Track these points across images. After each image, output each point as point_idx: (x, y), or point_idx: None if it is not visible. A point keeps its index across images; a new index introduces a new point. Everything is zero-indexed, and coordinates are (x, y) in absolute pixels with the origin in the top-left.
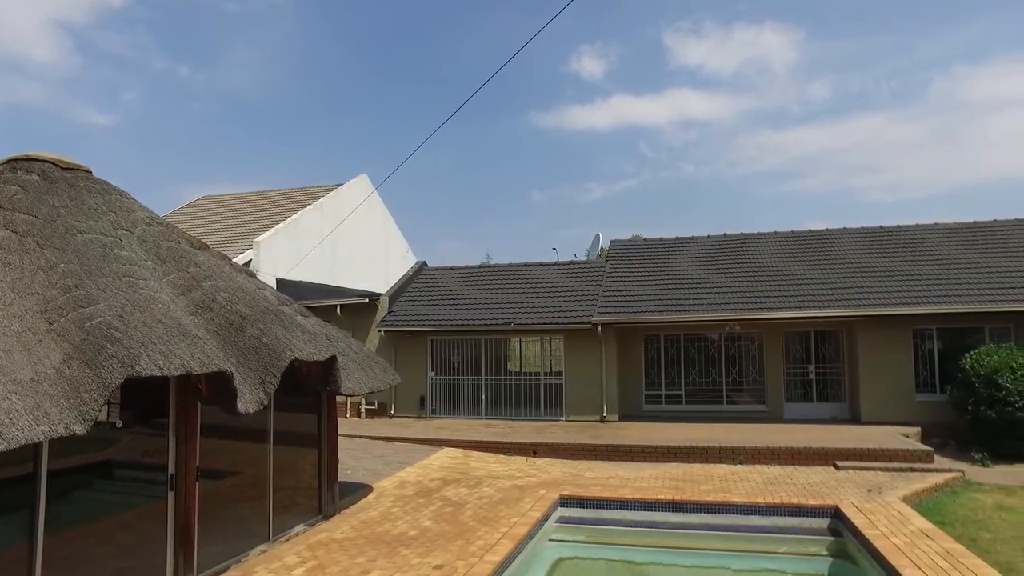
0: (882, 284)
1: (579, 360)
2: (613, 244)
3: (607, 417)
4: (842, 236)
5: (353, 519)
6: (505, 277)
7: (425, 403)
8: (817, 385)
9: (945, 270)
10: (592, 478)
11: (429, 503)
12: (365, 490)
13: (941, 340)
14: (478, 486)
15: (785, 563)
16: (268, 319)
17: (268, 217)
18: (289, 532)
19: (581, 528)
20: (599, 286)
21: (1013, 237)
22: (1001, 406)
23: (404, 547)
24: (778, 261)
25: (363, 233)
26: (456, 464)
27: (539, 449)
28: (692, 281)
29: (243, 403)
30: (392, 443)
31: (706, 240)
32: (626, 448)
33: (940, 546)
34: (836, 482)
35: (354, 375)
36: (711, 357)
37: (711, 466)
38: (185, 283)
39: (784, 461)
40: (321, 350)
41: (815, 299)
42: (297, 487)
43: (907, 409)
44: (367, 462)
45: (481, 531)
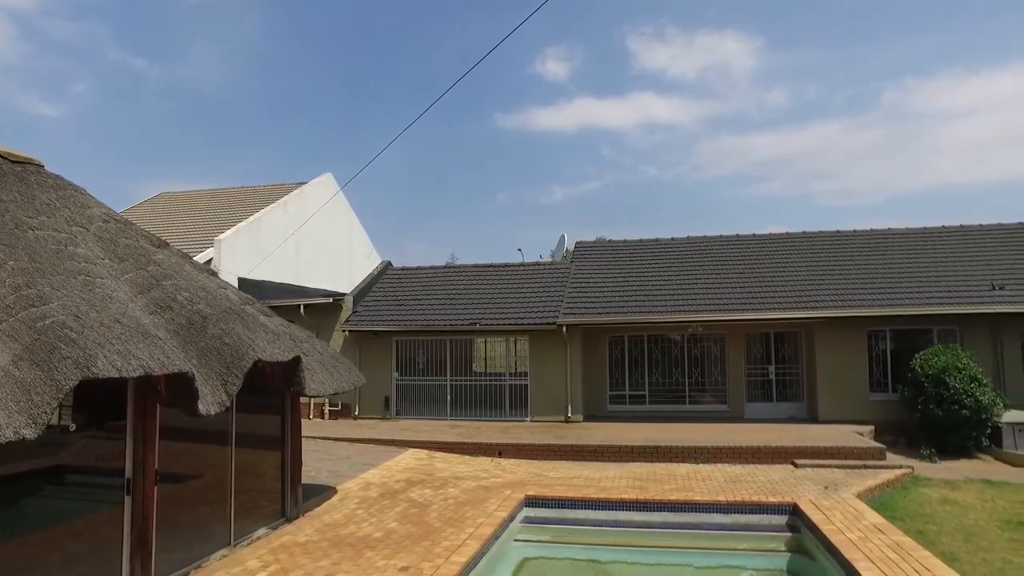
0: (839, 287)
1: (544, 361)
2: (578, 245)
3: (572, 417)
4: (801, 240)
5: (317, 521)
6: (471, 278)
7: (390, 404)
8: (777, 385)
9: (897, 274)
10: (557, 478)
11: (394, 504)
12: (329, 492)
13: (893, 341)
14: (443, 487)
15: (746, 559)
16: (230, 319)
17: (230, 215)
18: (251, 536)
19: (546, 528)
20: (564, 287)
21: (959, 242)
22: (948, 405)
23: (369, 549)
24: (740, 264)
25: (328, 232)
26: (421, 465)
27: (504, 450)
28: (656, 283)
29: (205, 405)
30: (356, 444)
31: (669, 242)
32: (591, 448)
33: (891, 539)
34: (795, 480)
35: (318, 376)
36: (674, 358)
37: (674, 465)
38: (144, 282)
39: (745, 460)
40: (285, 350)
41: (775, 301)
42: (260, 490)
43: (862, 408)
44: (331, 464)
45: (447, 532)
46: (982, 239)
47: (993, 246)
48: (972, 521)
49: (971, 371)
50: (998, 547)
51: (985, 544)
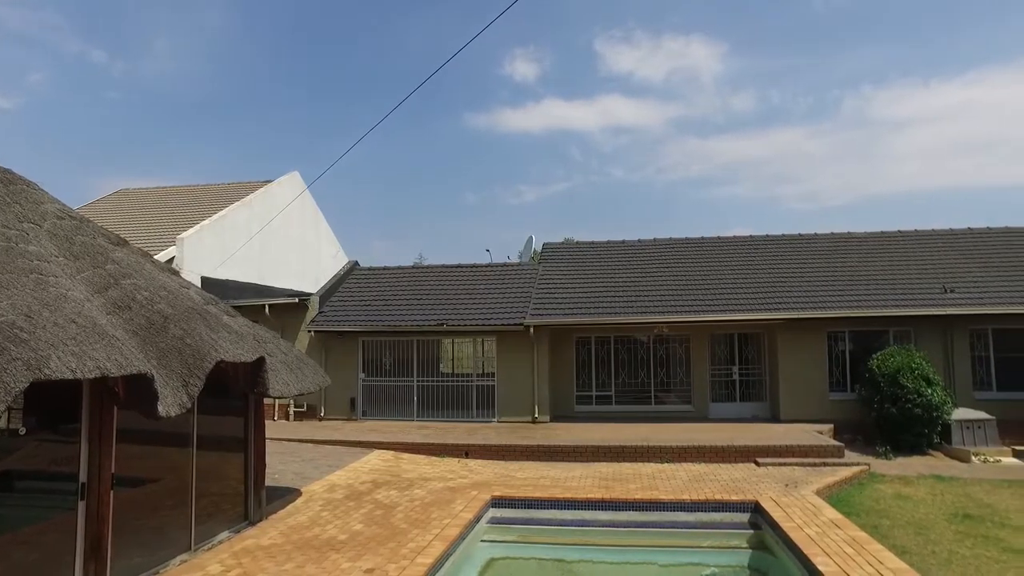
0: (800, 289)
1: (511, 361)
2: (545, 247)
3: (539, 418)
4: (764, 242)
5: (281, 524)
6: (438, 278)
7: (356, 405)
8: (740, 385)
9: (856, 276)
10: (524, 479)
11: (360, 506)
12: (294, 494)
13: (852, 342)
14: (410, 488)
15: (709, 556)
16: (192, 319)
17: (193, 213)
18: (213, 540)
19: (513, 528)
20: (532, 288)
21: (913, 247)
22: (902, 404)
23: (334, 552)
24: (705, 265)
25: (294, 232)
26: (387, 467)
27: (471, 450)
28: (622, 284)
29: (164, 406)
30: (322, 446)
31: (636, 244)
32: (557, 448)
33: (847, 534)
34: (757, 478)
35: (283, 377)
36: (640, 359)
37: (640, 465)
38: (102, 281)
39: (709, 459)
40: (248, 351)
41: (739, 303)
42: (222, 493)
43: (821, 407)
44: (296, 466)
45: (413, 533)
46: (934, 244)
47: (944, 250)
48: (923, 515)
49: (924, 371)
50: (946, 539)
51: (934, 537)
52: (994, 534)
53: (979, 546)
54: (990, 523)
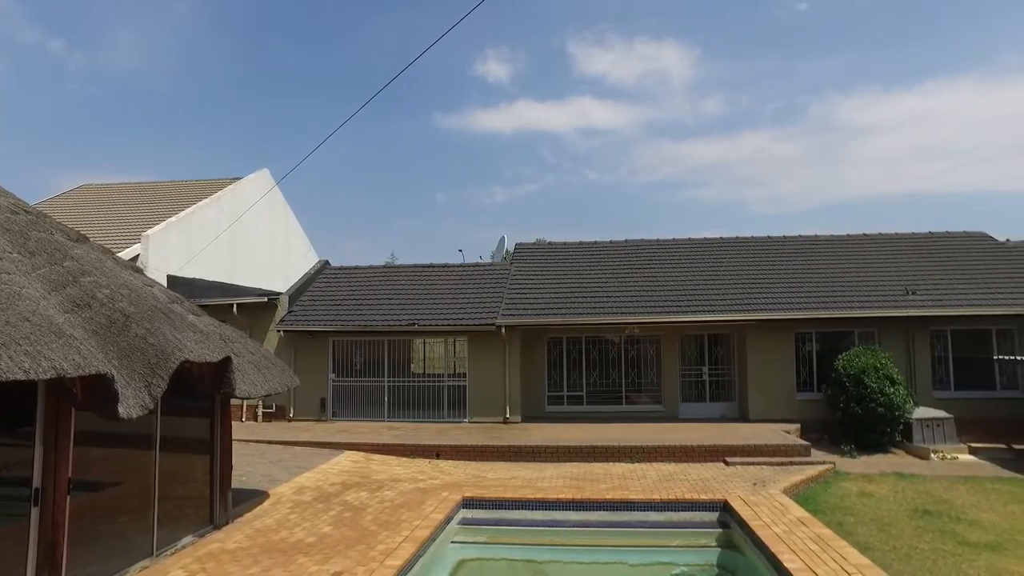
0: (769, 291)
1: (483, 362)
2: (518, 247)
3: (510, 418)
4: (734, 244)
5: (247, 527)
6: (410, 278)
7: (326, 406)
8: (710, 386)
9: (823, 278)
10: (495, 479)
11: (329, 508)
12: (261, 497)
13: (819, 343)
14: (380, 490)
15: (678, 555)
16: (156, 318)
17: (159, 210)
18: (176, 545)
19: (483, 529)
20: (504, 288)
21: (877, 250)
22: (866, 403)
23: (302, 555)
24: (675, 267)
25: (263, 230)
26: (357, 468)
27: (442, 451)
28: (594, 285)
29: (125, 408)
30: (291, 447)
31: (608, 245)
32: (529, 449)
33: (813, 532)
34: (726, 477)
35: (250, 377)
36: (611, 359)
37: (610, 465)
38: (59, 278)
39: (679, 459)
40: (214, 351)
41: (709, 304)
42: (186, 496)
43: (789, 407)
44: (264, 467)
45: (382, 535)
46: (897, 247)
47: (906, 254)
48: (885, 511)
49: (887, 371)
50: (906, 535)
51: (895, 532)
52: (951, 528)
53: (937, 540)
54: (947, 518)
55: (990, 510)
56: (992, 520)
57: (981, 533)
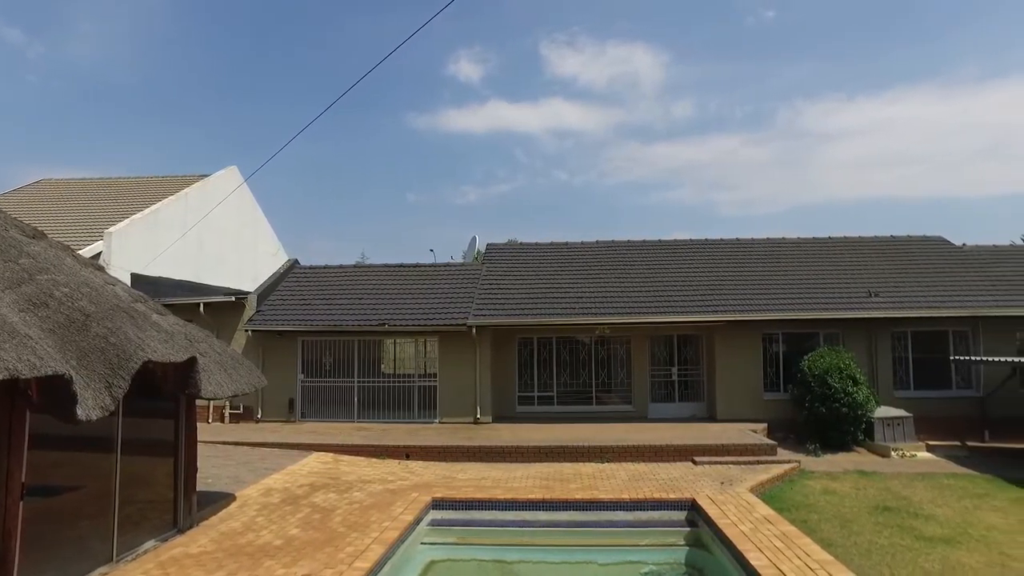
0: (737, 292)
1: (454, 362)
2: (489, 247)
3: (481, 419)
4: (703, 247)
5: (213, 531)
6: (380, 277)
7: (294, 406)
8: (679, 386)
9: (790, 280)
10: (465, 480)
11: (297, 510)
12: (227, 499)
13: (785, 344)
14: (349, 491)
15: (647, 555)
16: (117, 317)
17: (123, 206)
18: (138, 550)
19: (453, 530)
20: (475, 288)
21: (842, 253)
22: (830, 403)
23: (268, 558)
24: (645, 268)
25: (232, 228)
26: (326, 469)
27: (412, 452)
28: (565, 285)
29: (84, 410)
30: (259, 449)
31: (579, 246)
32: (499, 449)
33: (778, 529)
34: (694, 476)
35: (216, 377)
36: (582, 359)
37: (580, 465)
38: (14, 276)
39: (648, 458)
40: (179, 351)
41: (679, 305)
42: (149, 500)
43: (756, 407)
44: (231, 469)
45: (351, 537)
46: (861, 250)
47: (870, 257)
48: (847, 508)
49: (851, 371)
50: (867, 531)
51: (856, 528)
52: (909, 524)
53: (895, 536)
54: (906, 514)
55: (945, 505)
56: (947, 515)
57: (936, 527)
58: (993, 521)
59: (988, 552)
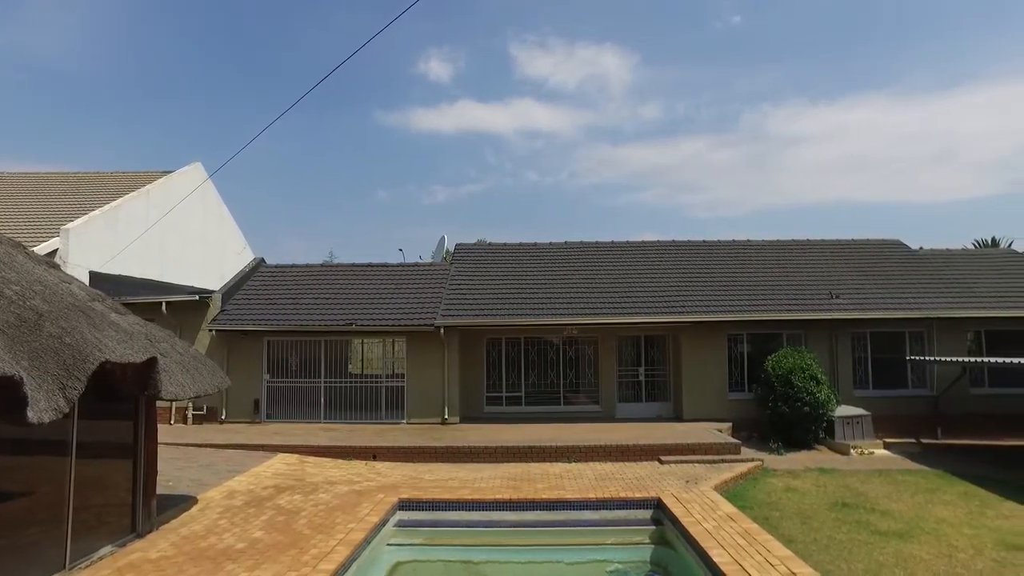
0: (704, 293)
1: (421, 362)
2: (458, 247)
3: (448, 419)
4: (670, 248)
5: (173, 535)
6: (348, 277)
7: (260, 407)
8: (646, 386)
9: (755, 282)
10: (432, 480)
11: (261, 513)
12: (189, 502)
13: (750, 344)
14: (314, 492)
15: (613, 553)
16: (73, 316)
17: (81, 202)
18: (93, 556)
19: (420, 531)
20: (443, 288)
21: (804, 255)
22: (793, 402)
23: (230, 561)
24: (614, 269)
25: (196, 226)
26: (292, 471)
27: (379, 453)
28: (534, 286)
29: (36, 412)
30: (222, 450)
31: (548, 247)
32: (466, 450)
33: (741, 527)
34: (660, 475)
35: (177, 378)
36: (550, 360)
37: (547, 465)
38: None
39: (615, 458)
40: (138, 351)
41: (646, 306)
42: (106, 504)
43: (721, 406)
44: (192, 472)
45: (316, 539)
46: (823, 253)
47: (831, 259)
48: (808, 505)
49: (813, 371)
50: (826, 527)
51: (816, 525)
52: (865, 519)
53: (853, 531)
54: (863, 509)
55: (899, 500)
56: (901, 510)
57: (891, 522)
58: (943, 515)
59: (937, 544)
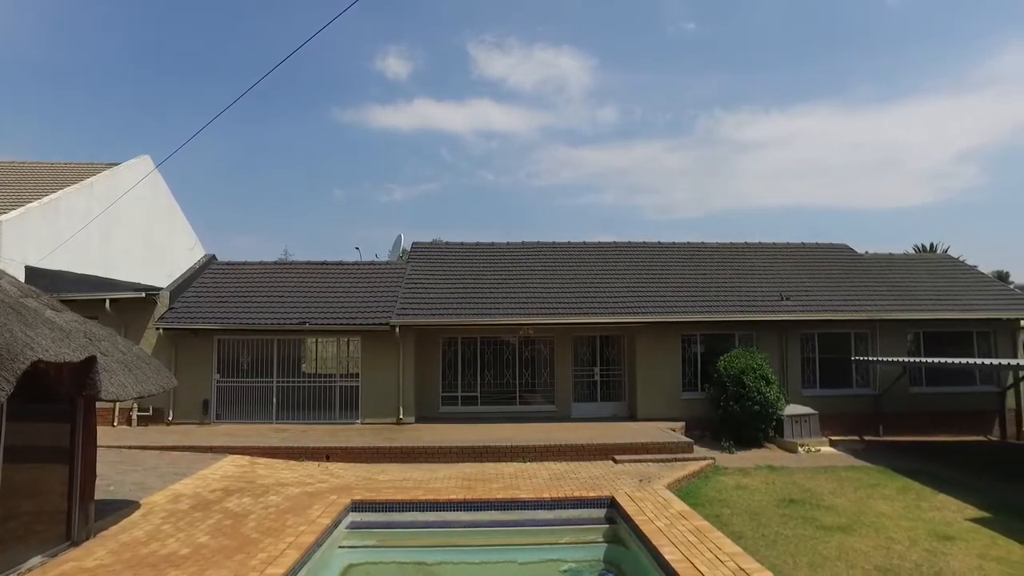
0: (658, 294)
1: (376, 362)
2: (414, 246)
3: (404, 419)
4: (626, 249)
5: (112, 542)
6: (302, 275)
7: (209, 408)
8: (601, 386)
9: (708, 283)
10: (386, 481)
11: (207, 516)
12: (131, 507)
13: (703, 345)
14: (264, 495)
15: (567, 552)
16: (1, 313)
17: (17, 192)
18: (21, 568)
19: (373, 532)
20: (399, 288)
21: (756, 258)
22: (744, 401)
23: (173, 568)
24: (570, 270)
25: (144, 221)
26: (242, 472)
27: (333, 453)
28: (490, 286)
29: None
30: (169, 453)
31: (504, 247)
32: (421, 450)
33: (692, 524)
34: (614, 474)
35: (119, 378)
36: (506, 359)
37: (503, 464)
38: None
39: (570, 457)
40: (76, 350)
41: (601, 306)
42: (38, 511)
43: (675, 406)
44: (136, 475)
45: (264, 543)
46: (773, 256)
47: (781, 262)
48: (757, 502)
49: (763, 371)
50: (774, 523)
51: (764, 521)
52: (811, 515)
53: (799, 526)
54: (809, 505)
55: (843, 496)
56: (844, 505)
57: (835, 517)
58: (882, 509)
59: (876, 537)
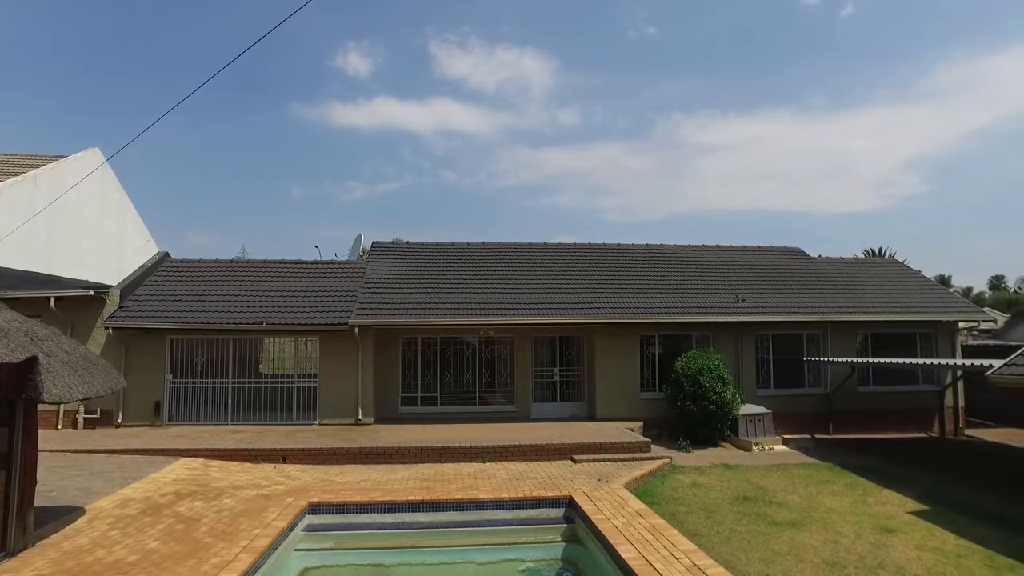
0: (618, 295)
1: (335, 362)
2: (374, 245)
3: (362, 420)
4: (586, 251)
5: (53, 551)
6: (260, 274)
7: (161, 409)
8: (561, 386)
9: (667, 285)
10: (344, 482)
11: (158, 521)
12: (75, 513)
13: (662, 346)
14: (218, 498)
15: (525, 552)
16: None
17: None
18: None
19: (330, 535)
20: (358, 287)
21: (713, 260)
22: (701, 401)
23: None
24: (530, 270)
25: (92, 217)
26: (194, 475)
27: (289, 455)
28: (451, 286)
29: None
30: (117, 456)
31: (465, 247)
32: (380, 450)
33: (648, 522)
34: (572, 474)
35: (63, 379)
36: (466, 360)
37: (462, 465)
38: None
39: (529, 457)
40: (15, 350)
41: (561, 307)
42: None
43: (633, 406)
44: (81, 480)
45: (217, 547)
46: (730, 258)
47: (738, 265)
48: (712, 500)
49: (720, 372)
50: (728, 520)
51: (719, 518)
52: (764, 511)
53: (752, 523)
54: (762, 502)
55: (794, 492)
56: (795, 501)
57: (787, 513)
58: (831, 504)
59: (825, 531)
